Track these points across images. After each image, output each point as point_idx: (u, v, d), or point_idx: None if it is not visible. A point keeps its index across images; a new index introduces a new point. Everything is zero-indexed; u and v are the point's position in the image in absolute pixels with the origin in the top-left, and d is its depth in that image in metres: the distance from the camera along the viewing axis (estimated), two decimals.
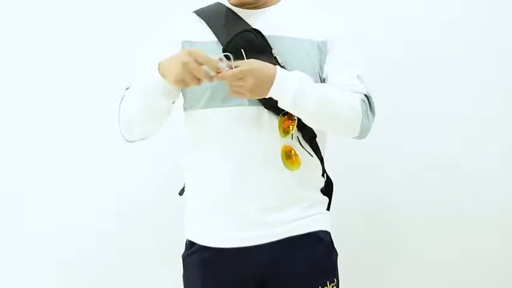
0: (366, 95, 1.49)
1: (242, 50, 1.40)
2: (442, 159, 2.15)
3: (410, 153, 2.15)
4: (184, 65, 1.32)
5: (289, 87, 1.37)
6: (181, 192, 1.61)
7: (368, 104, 1.49)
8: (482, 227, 2.15)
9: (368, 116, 1.49)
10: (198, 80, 1.33)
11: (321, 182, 1.55)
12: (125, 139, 1.56)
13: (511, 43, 2.15)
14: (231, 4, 1.52)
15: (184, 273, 1.57)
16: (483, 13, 2.14)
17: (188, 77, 1.32)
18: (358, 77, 1.50)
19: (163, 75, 1.38)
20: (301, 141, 1.48)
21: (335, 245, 1.57)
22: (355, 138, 1.51)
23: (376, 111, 1.52)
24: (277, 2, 1.55)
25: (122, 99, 1.52)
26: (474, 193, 2.15)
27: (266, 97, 1.38)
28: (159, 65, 1.40)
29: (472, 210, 2.15)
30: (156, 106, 1.44)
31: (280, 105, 1.40)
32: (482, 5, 2.14)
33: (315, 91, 1.40)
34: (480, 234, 2.15)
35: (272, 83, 1.36)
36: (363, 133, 1.49)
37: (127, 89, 1.52)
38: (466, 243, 2.16)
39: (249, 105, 1.44)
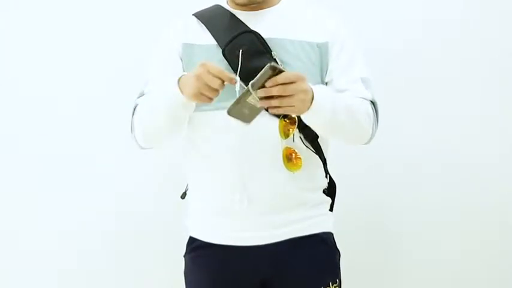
0: (372, 102, 1.49)
1: (240, 51, 1.40)
2: (442, 160, 2.15)
3: (411, 153, 2.15)
4: (198, 76, 1.28)
5: (326, 105, 1.33)
6: (183, 196, 1.61)
7: (375, 111, 1.50)
8: (483, 227, 2.15)
9: (376, 123, 1.50)
10: (214, 92, 1.29)
11: (324, 183, 1.56)
12: (140, 147, 1.54)
13: (511, 43, 2.14)
14: (238, 4, 1.51)
15: (185, 270, 1.58)
16: (483, 13, 2.14)
17: (204, 87, 1.28)
18: (363, 80, 1.49)
19: (182, 91, 1.35)
20: (304, 142, 1.48)
21: (337, 246, 1.57)
22: (361, 144, 1.52)
23: (379, 119, 1.52)
24: (277, 3, 1.54)
25: (135, 110, 1.50)
26: (474, 193, 2.15)
27: (303, 114, 1.33)
28: (178, 79, 1.37)
29: (472, 211, 2.15)
30: (176, 120, 1.42)
31: (310, 122, 1.37)
32: (482, 5, 2.14)
33: (342, 106, 1.39)
34: (480, 235, 2.15)
35: (312, 98, 1.31)
36: (369, 140, 1.51)
37: (138, 97, 1.52)
38: (466, 244, 2.16)
39: None
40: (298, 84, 1.26)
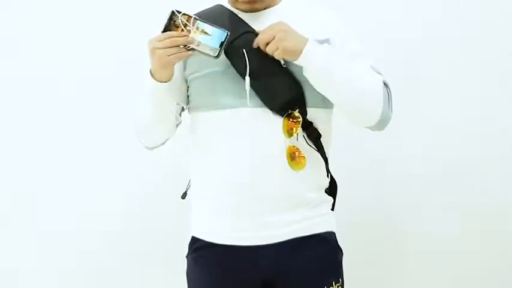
0: (384, 83, 1.49)
1: (244, 51, 1.41)
2: (443, 160, 2.15)
3: (412, 153, 2.16)
4: (152, 51, 1.36)
5: (322, 49, 1.38)
6: (183, 196, 1.61)
7: (388, 91, 1.49)
8: (482, 227, 2.15)
9: (389, 103, 1.49)
10: (180, 51, 1.35)
11: (326, 182, 1.55)
12: (146, 147, 1.61)
13: (511, 43, 2.15)
14: (239, 9, 1.52)
15: (188, 271, 1.58)
16: (484, 13, 2.14)
17: (164, 56, 1.34)
18: (372, 67, 1.49)
19: (154, 77, 1.41)
20: (307, 141, 1.48)
21: (340, 245, 1.57)
22: (374, 127, 1.50)
23: (393, 106, 1.51)
24: (278, 3, 1.55)
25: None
26: (474, 193, 2.16)
27: (299, 57, 1.38)
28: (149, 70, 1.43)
29: (472, 211, 2.15)
30: (161, 106, 1.48)
31: (310, 68, 1.40)
32: (483, 5, 2.14)
33: (343, 58, 1.42)
34: (480, 234, 2.16)
35: (306, 43, 1.37)
36: (383, 120, 1.48)
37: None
38: (466, 244, 2.16)
39: (254, 106, 1.44)
40: (273, 27, 1.38)
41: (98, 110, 2.18)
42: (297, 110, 1.43)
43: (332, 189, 1.57)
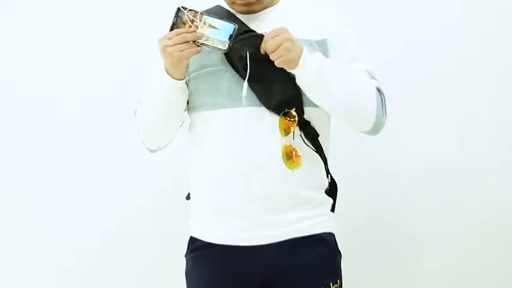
0: (378, 89, 1.49)
1: (247, 52, 1.41)
2: (443, 161, 2.15)
3: (412, 154, 2.15)
4: (163, 49, 1.36)
5: (313, 58, 1.39)
6: (188, 197, 1.60)
7: (381, 96, 1.50)
8: (483, 228, 2.15)
9: (382, 108, 1.49)
10: (191, 47, 1.35)
11: (325, 182, 1.55)
12: (148, 149, 1.59)
13: (511, 43, 2.15)
14: (237, 11, 1.52)
15: (187, 270, 1.58)
16: (483, 14, 2.14)
17: (176, 53, 1.35)
18: (367, 71, 1.50)
19: (168, 73, 1.41)
20: (304, 140, 1.47)
21: (339, 247, 1.57)
22: (369, 132, 1.51)
23: (387, 111, 1.52)
24: (276, 3, 1.55)
25: (136, 110, 1.54)
26: (474, 193, 2.15)
27: (295, 66, 1.38)
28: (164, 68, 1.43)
29: (472, 211, 2.15)
30: (172, 105, 1.47)
31: (304, 76, 1.40)
32: (482, 6, 2.14)
33: (337, 64, 1.43)
34: (480, 235, 2.15)
35: (302, 52, 1.38)
36: (377, 126, 1.49)
37: (137, 104, 1.55)
38: (466, 244, 2.16)
39: (251, 106, 1.44)
40: (281, 36, 1.36)
41: (98, 110, 2.18)
42: (294, 109, 1.44)
43: (332, 190, 1.57)
